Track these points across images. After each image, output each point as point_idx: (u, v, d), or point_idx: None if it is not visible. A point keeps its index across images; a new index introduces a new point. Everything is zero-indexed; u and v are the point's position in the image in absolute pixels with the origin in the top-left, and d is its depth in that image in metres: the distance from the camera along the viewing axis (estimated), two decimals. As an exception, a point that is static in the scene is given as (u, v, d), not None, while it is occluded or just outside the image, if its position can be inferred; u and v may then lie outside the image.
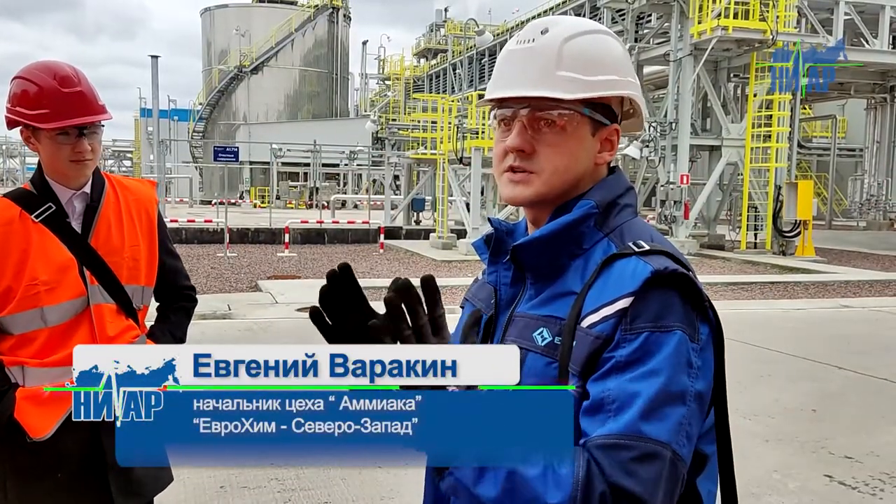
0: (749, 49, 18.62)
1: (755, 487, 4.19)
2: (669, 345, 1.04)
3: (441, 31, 50.39)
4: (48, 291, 1.96)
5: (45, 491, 2.00)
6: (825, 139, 36.93)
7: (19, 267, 1.96)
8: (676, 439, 1.01)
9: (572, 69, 1.15)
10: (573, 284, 1.13)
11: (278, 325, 8.59)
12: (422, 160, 24.80)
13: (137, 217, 2.15)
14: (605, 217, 1.18)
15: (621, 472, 0.97)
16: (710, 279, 13.75)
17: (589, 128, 1.18)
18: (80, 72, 2.04)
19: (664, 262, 1.08)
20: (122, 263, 2.07)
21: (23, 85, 1.99)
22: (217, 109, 50.63)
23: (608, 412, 1.01)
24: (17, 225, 1.98)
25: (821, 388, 6.30)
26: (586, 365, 1.06)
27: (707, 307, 1.11)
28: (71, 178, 2.04)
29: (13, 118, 2.00)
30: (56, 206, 2.02)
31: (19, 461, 1.99)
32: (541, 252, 1.16)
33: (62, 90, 1.97)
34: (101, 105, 2.04)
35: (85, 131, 2.00)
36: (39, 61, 2.08)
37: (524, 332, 1.15)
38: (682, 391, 1.03)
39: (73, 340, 1.98)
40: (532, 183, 1.18)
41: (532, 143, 1.17)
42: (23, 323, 1.97)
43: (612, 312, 1.06)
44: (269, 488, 4.03)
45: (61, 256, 1.99)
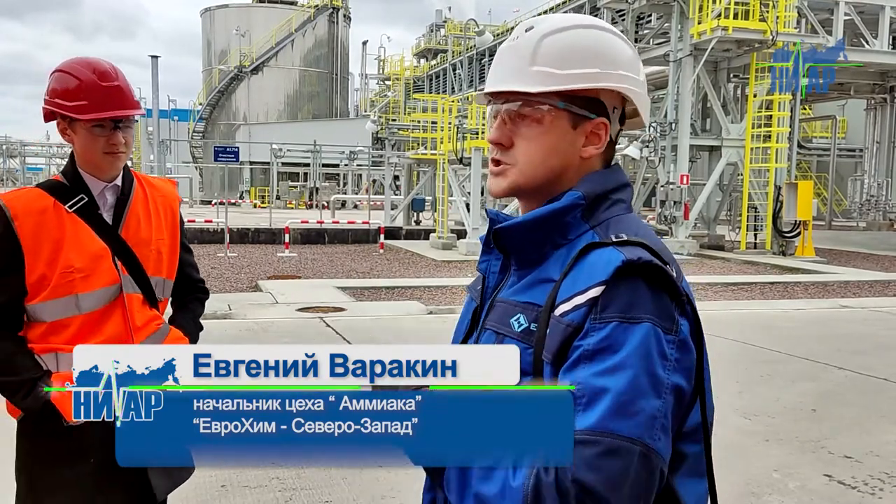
0: (749, 49, 18.62)
1: (755, 487, 4.19)
2: (637, 336, 1.03)
3: (441, 31, 50.38)
4: (83, 279, 2.02)
5: (74, 476, 2.03)
6: (825, 139, 36.93)
7: (53, 255, 2.01)
8: (650, 433, 1.00)
9: (546, 64, 1.16)
10: (553, 272, 1.14)
11: (279, 325, 8.59)
12: (422, 160, 24.78)
13: (164, 212, 2.23)
14: (592, 210, 1.18)
15: (585, 469, 0.97)
16: (710, 279, 13.76)
17: (567, 121, 1.19)
18: (118, 68, 2.11)
19: (638, 252, 1.07)
20: (149, 256, 2.15)
21: (63, 78, 2.06)
22: (217, 109, 50.62)
23: (578, 407, 1.01)
24: (51, 214, 2.03)
25: (820, 388, 6.31)
26: (558, 353, 1.06)
27: (685, 302, 1.10)
28: (104, 170, 2.10)
29: (51, 109, 2.06)
30: (88, 197, 2.09)
31: (50, 446, 2.04)
32: (522, 236, 1.17)
33: (101, 84, 2.03)
34: (136, 101, 2.12)
35: (120, 124, 2.07)
36: (79, 57, 2.15)
37: (502, 318, 1.16)
38: (653, 384, 1.02)
39: (107, 327, 2.05)
40: (508, 175, 1.21)
41: (510, 136, 1.20)
42: (57, 310, 2.02)
43: (584, 301, 1.05)
44: (271, 487, 4.03)
45: (95, 245, 2.05)
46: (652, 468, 1.00)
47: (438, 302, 10.65)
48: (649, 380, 1.02)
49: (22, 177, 60.23)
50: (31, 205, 2.03)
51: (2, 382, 2.00)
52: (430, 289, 12.00)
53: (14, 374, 1.98)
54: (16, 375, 1.98)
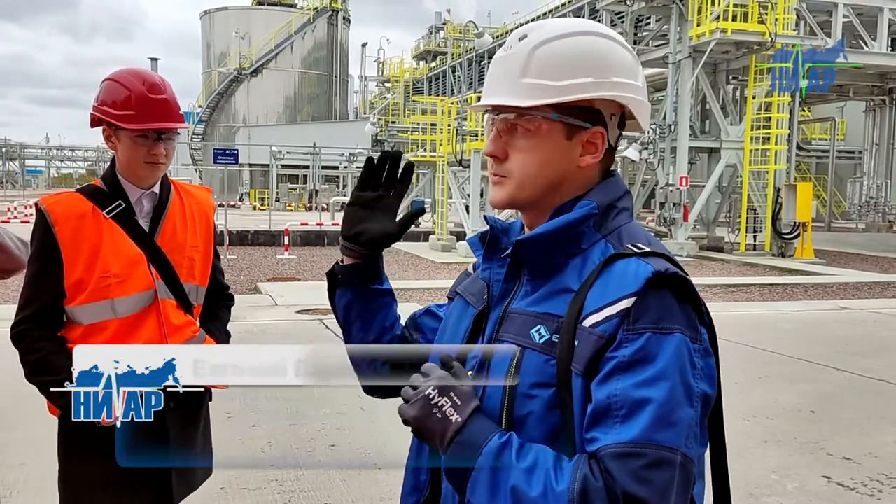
0: (748, 51, 18.64)
1: (754, 488, 4.19)
2: (670, 346, 1.04)
3: (440, 33, 50.44)
4: (119, 284, 2.07)
5: (106, 473, 2.06)
6: (824, 141, 36.95)
7: (91, 260, 2.06)
8: (685, 442, 1.02)
9: (538, 76, 1.16)
10: (571, 282, 1.14)
11: (278, 327, 8.59)
12: (421, 162, 24.80)
13: (199, 220, 2.28)
14: (603, 219, 1.19)
15: (633, 480, 0.98)
16: (710, 281, 13.76)
17: (562, 132, 1.18)
18: (167, 81, 2.17)
19: (664, 263, 1.09)
20: (183, 262, 2.20)
21: (113, 87, 2.12)
22: (217, 112, 50.65)
23: (616, 418, 1.02)
24: (90, 219, 2.09)
25: (819, 389, 6.31)
26: (590, 364, 1.07)
27: (704, 311, 1.12)
28: (143, 179, 2.15)
29: (99, 116, 2.12)
30: (126, 203, 2.13)
31: (84, 444, 2.08)
32: (541, 248, 1.17)
33: (150, 96, 2.10)
34: (181, 114, 2.19)
35: (163, 136, 2.13)
36: (131, 68, 2.22)
37: (522, 330, 1.16)
38: (687, 394, 1.04)
39: (142, 331, 2.11)
40: (505, 186, 1.21)
41: (505, 148, 1.20)
42: (94, 313, 2.07)
43: (616, 312, 1.06)
44: (269, 489, 4.03)
45: (131, 251, 2.10)
46: (689, 476, 1.03)
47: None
48: (684, 390, 1.04)
49: (21, 179, 60.17)
50: (70, 209, 2.08)
51: (41, 382, 2.05)
52: (429, 290, 12.00)
53: (52, 373, 2.03)
54: (54, 375, 2.03)
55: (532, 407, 1.11)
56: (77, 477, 2.13)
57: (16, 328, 2.09)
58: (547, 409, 1.10)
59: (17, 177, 64.06)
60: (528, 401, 1.11)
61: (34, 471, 4.17)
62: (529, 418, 1.11)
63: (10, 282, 4.29)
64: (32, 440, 4.41)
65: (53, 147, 68.18)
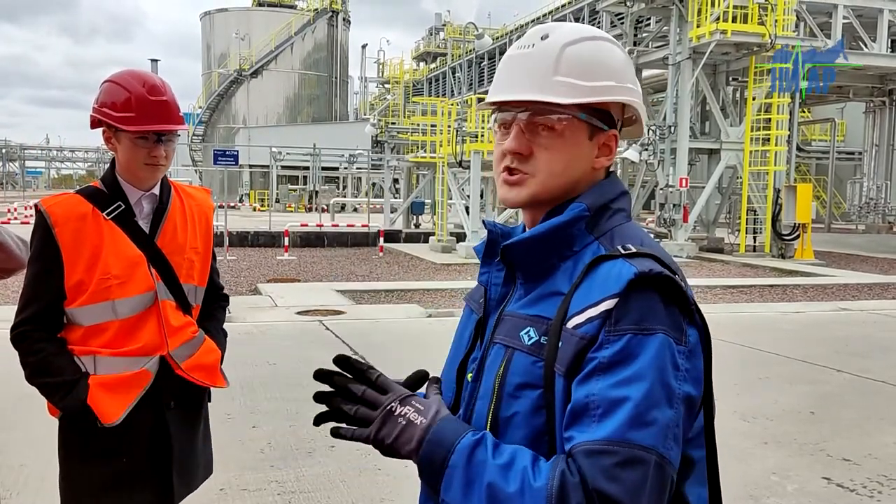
0: (748, 53, 18.65)
1: (753, 489, 4.19)
2: (651, 347, 1.04)
3: (440, 34, 50.45)
4: (120, 285, 2.08)
5: (107, 473, 2.11)
6: (824, 142, 36.94)
7: (92, 261, 2.07)
8: (663, 443, 1.01)
9: (570, 74, 1.16)
10: (562, 285, 1.14)
11: (278, 328, 8.59)
12: (421, 163, 24.81)
13: (199, 221, 2.29)
14: (596, 220, 1.18)
15: (604, 478, 0.97)
16: (710, 282, 13.77)
17: (586, 132, 1.19)
18: (167, 83, 2.17)
19: (649, 264, 1.08)
20: (182, 263, 2.20)
21: (113, 89, 2.12)
22: (217, 113, 50.66)
23: (592, 417, 1.02)
24: (90, 221, 2.09)
25: (819, 391, 6.31)
26: (571, 365, 1.07)
27: (694, 311, 1.11)
28: (143, 180, 2.15)
29: (99, 118, 2.12)
30: (125, 204, 2.14)
31: (86, 444, 2.11)
32: (530, 252, 1.17)
33: (150, 97, 2.10)
34: (180, 116, 2.19)
35: (163, 138, 2.13)
36: (131, 69, 2.21)
37: (512, 332, 1.16)
38: (667, 394, 1.03)
39: (143, 332, 2.12)
40: (527, 184, 1.19)
41: (529, 145, 1.18)
42: (94, 315, 2.08)
43: (597, 314, 1.06)
44: (270, 491, 4.03)
45: (131, 252, 2.11)
46: (665, 477, 1.02)
47: (438, 305, 10.65)
48: (663, 390, 1.03)
49: (21, 180, 60.13)
50: (70, 211, 2.09)
51: (42, 383, 2.06)
52: (429, 292, 12.00)
53: (54, 375, 2.05)
54: (55, 377, 2.05)
55: (518, 407, 1.11)
56: (77, 478, 2.14)
57: (16, 330, 2.09)
58: (533, 411, 1.10)
59: (17, 178, 64.03)
60: (515, 401, 1.11)
61: (34, 471, 4.17)
62: (514, 419, 1.11)
63: (10, 282, 4.29)
64: (32, 440, 4.42)
65: (53, 148, 68.12)
